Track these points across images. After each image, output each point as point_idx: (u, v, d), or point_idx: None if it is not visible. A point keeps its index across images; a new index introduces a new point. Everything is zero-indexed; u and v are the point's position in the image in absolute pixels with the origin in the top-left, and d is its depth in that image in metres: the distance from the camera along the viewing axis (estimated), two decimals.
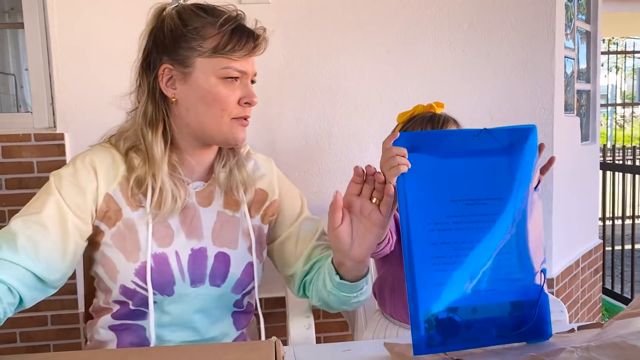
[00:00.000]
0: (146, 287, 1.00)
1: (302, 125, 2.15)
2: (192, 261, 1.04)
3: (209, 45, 1.00)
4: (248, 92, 1.04)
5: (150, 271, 1.00)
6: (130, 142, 1.06)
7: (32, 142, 2.01)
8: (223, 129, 1.03)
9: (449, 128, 1.29)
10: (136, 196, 1.03)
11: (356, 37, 2.14)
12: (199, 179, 1.11)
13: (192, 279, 1.04)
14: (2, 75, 3.00)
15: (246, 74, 1.03)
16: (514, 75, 2.27)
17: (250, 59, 1.04)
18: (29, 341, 2.07)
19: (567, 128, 2.61)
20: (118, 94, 1.99)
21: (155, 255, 1.01)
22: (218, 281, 1.06)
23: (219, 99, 1.01)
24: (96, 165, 1.02)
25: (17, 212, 1.97)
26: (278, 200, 1.17)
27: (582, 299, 2.91)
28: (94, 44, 2.00)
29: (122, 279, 1.01)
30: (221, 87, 1.01)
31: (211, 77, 1.01)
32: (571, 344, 0.77)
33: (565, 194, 2.54)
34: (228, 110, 1.02)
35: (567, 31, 2.65)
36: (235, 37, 1.00)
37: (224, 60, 1.00)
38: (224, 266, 1.06)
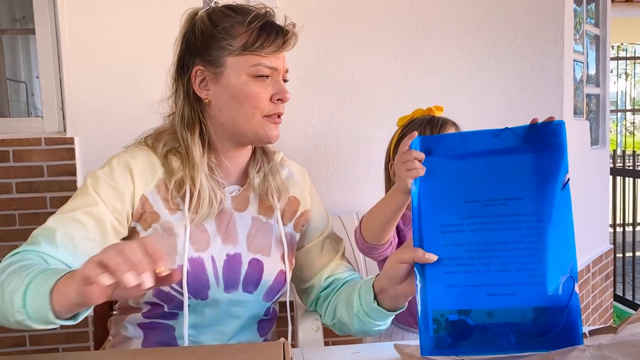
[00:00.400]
0: (181, 291, 1.00)
1: (310, 129, 2.15)
2: (227, 267, 1.04)
3: (238, 43, 1.01)
4: (280, 88, 1.03)
5: (187, 275, 0.99)
6: (169, 145, 1.06)
7: (42, 146, 2.03)
8: (256, 127, 1.04)
9: (447, 130, 1.27)
10: (175, 199, 1.03)
11: (364, 40, 2.14)
12: (235, 182, 1.11)
13: (226, 285, 1.04)
14: (14, 82, 3.02)
15: (277, 71, 1.03)
16: (522, 79, 2.26)
17: (280, 55, 1.04)
18: (38, 344, 2.08)
19: (577, 132, 2.60)
20: (127, 99, 2.01)
21: (191, 260, 1.01)
22: (251, 288, 1.07)
23: (250, 96, 1.02)
24: (132, 166, 1.02)
25: (27, 215, 2.01)
26: (309, 210, 1.18)
27: (593, 304, 2.89)
28: (104, 49, 2.02)
29: None
30: (252, 85, 1.01)
31: (242, 75, 1.01)
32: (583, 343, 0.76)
33: (575, 198, 2.51)
34: (260, 107, 1.02)
35: (576, 35, 2.64)
36: (264, 33, 1.01)
37: (254, 57, 1.01)
38: (257, 273, 1.07)
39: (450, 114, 2.18)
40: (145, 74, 2.01)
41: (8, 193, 2.02)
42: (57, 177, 2.04)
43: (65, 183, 2.04)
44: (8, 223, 2.03)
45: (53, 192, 2.04)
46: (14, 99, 2.94)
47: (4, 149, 2.01)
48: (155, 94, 1.14)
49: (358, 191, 1.27)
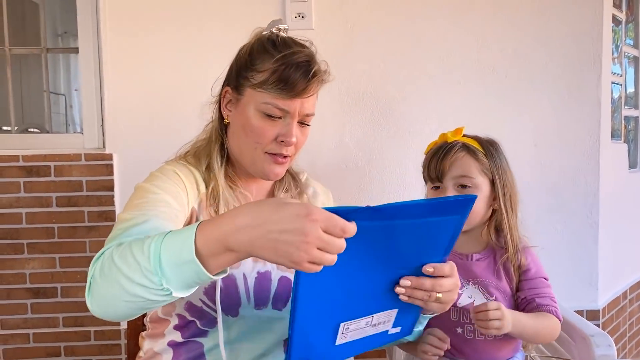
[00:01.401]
0: (214, 307, 1.02)
1: (342, 149, 2.16)
2: (257, 284, 1.05)
3: (259, 78, 1.02)
4: (287, 131, 1.03)
5: (220, 292, 1.01)
6: (208, 159, 1.09)
7: (82, 161, 2.09)
8: (256, 160, 1.06)
9: (455, 156, 1.17)
10: (210, 212, 1.05)
11: (399, 61, 2.15)
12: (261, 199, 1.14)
13: (257, 302, 1.05)
14: (54, 95, 3.12)
15: (289, 114, 1.02)
16: (558, 101, 2.23)
17: (298, 102, 1.02)
18: (73, 355, 2.12)
19: (614, 155, 2.55)
20: (165, 117, 2.06)
21: (224, 277, 1.02)
22: (280, 305, 1.07)
23: (254, 130, 1.03)
24: (182, 177, 1.04)
25: (65, 228, 2.07)
26: None
27: (630, 332, 2.80)
28: (144, 68, 2.07)
29: (191, 295, 1.01)
30: (259, 120, 1.02)
31: (253, 109, 1.03)
32: None
33: (611, 223, 2.46)
34: (262, 143, 1.03)
35: (615, 55, 2.59)
36: (285, 76, 0.99)
37: (267, 95, 1.01)
38: (286, 290, 1.07)
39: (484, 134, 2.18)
40: (184, 92, 2.05)
41: (49, 206, 2.09)
42: (95, 192, 2.09)
43: (103, 198, 2.09)
44: (47, 236, 2.09)
45: (91, 207, 2.09)
46: (53, 111, 3.03)
47: (46, 164, 2.08)
48: (194, 111, 1.17)
49: None
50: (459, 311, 1.20)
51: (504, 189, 1.17)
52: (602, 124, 2.26)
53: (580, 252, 2.29)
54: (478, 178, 1.15)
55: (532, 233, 2.25)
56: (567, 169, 2.25)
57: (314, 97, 1.05)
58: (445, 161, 1.16)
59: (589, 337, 1.38)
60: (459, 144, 1.20)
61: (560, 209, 2.26)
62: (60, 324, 2.11)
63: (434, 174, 1.17)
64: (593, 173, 2.26)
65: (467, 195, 0.86)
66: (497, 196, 1.17)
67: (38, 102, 2.45)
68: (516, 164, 2.22)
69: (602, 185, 2.28)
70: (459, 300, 1.19)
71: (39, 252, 2.10)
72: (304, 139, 1.09)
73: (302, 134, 1.07)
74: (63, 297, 2.11)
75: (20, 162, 2.07)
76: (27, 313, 2.11)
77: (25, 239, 2.09)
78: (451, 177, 1.15)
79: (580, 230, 2.28)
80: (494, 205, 1.19)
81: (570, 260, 2.29)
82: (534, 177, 2.25)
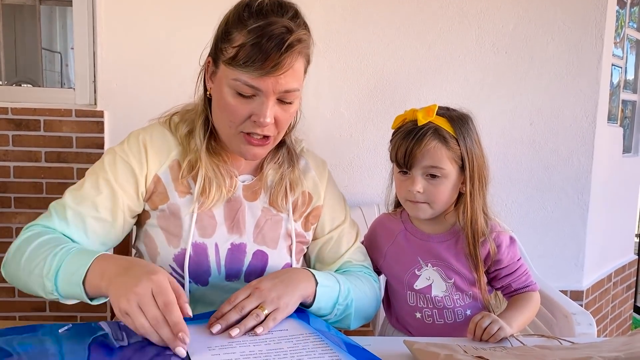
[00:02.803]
0: (182, 274, 1.01)
1: (337, 118, 2.14)
2: (230, 256, 1.04)
3: (230, 53, 0.92)
4: (260, 111, 0.93)
5: (189, 260, 1.00)
6: (190, 125, 1.05)
7: (72, 117, 2.06)
8: (231, 139, 1.00)
9: (426, 144, 1.09)
10: (185, 181, 1.02)
11: (398, 33, 2.12)
12: (248, 172, 1.10)
13: (228, 274, 1.04)
14: (49, 52, 3.07)
15: (262, 92, 0.93)
16: (557, 81, 2.21)
17: (270, 79, 0.91)
18: (58, 311, 2.13)
19: (609, 138, 2.54)
20: (158, 76, 2.03)
21: (195, 244, 1.01)
22: (253, 279, 1.03)
23: (227, 108, 0.96)
24: (148, 145, 1.02)
25: (54, 184, 2.05)
26: (321, 207, 1.14)
27: (612, 314, 2.84)
28: (138, 26, 2.04)
29: (161, 261, 1.02)
30: (231, 98, 0.95)
31: (225, 85, 0.95)
32: (599, 353, 0.74)
33: (601, 205, 2.47)
34: (235, 122, 0.96)
35: (617, 39, 2.57)
36: (255, 52, 0.89)
37: (237, 72, 0.92)
38: (260, 264, 1.06)
39: (481, 111, 2.16)
40: (178, 52, 2.02)
41: (37, 161, 2.07)
42: (85, 149, 2.07)
43: (92, 155, 2.07)
44: (36, 190, 2.08)
45: (80, 164, 2.07)
46: (48, 69, 2.99)
47: (35, 117, 2.05)
48: (188, 72, 1.13)
49: (381, 183, 1.26)
50: (416, 295, 1.18)
51: (472, 173, 1.12)
52: (599, 106, 2.25)
53: (569, 233, 2.30)
54: (448, 167, 1.10)
55: (521, 211, 2.27)
56: (561, 149, 2.25)
57: (292, 72, 0.93)
58: (415, 150, 1.09)
59: (570, 315, 1.40)
60: (430, 129, 1.10)
61: (551, 188, 2.27)
62: None
63: (402, 160, 1.10)
64: (587, 155, 2.26)
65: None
66: (465, 180, 1.12)
67: (32, 58, 2.42)
68: (511, 142, 2.23)
69: (594, 167, 2.28)
70: (416, 283, 1.17)
71: (27, 207, 2.09)
72: (288, 117, 0.99)
73: (285, 112, 0.97)
74: None
75: (10, 115, 2.04)
76: None
77: (12, 193, 2.08)
78: (420, 167, 1.09)
79: (570, 211, 2.29)
80: (461, 189, 1.14)
81: (558, 240, 2.31)
82: (528, 155, 2.24)
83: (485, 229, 1.14)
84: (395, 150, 1.13)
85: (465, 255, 1.15)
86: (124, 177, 1.00)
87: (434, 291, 1.17)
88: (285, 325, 0.90)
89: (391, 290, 1.25)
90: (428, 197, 1.11)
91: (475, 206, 1.13)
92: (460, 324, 1.17)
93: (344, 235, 1.16)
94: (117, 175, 1.00)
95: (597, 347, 0.86)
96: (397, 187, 1.18)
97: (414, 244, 1.19)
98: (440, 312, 1.17)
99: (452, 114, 1.14)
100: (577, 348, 0.89)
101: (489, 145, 2.18)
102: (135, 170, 1.01)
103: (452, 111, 1.15)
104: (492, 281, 1.19)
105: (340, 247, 1.15)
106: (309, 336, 0.87)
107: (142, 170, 1.01)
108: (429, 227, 1.19)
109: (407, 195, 1.13)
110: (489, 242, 1.14)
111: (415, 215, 1.16)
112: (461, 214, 1.15)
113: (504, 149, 2.23)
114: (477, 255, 1.13)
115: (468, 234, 1.13)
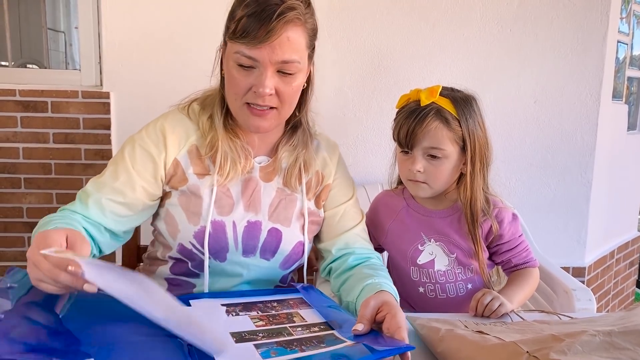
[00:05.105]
0: (202, 250, 1.05)
1: (341, 97, 2.15)
2: (246, 233, 1.08)
3: (232, 27, 0.97)
4: (259, 81, 0.97)
5: (208, 236, 1.04)
6: (211, 111, 1.09)
7: (79, 98, 2.08)
8: (238, 113, 1.04)
9: (427, 124, 1.11)
10: (205, 161, 1.07)
11: (402, 10, 2.11)
12: (265, 154, 1.13)
13: (245, 250, 1.08)
14: (53, 32, 3.07)
15: (259, 62, 0.96)
16: (562, 58, 2.21)
17: (266, 49, 0.95)
18: None
19: (613, 115, 2.54)
20: (164, 57, 2.04)
21: (214, 222, 1.05)
22: (268, 255, 1.10)
23: (231, 81, 1.01)
24: (167, 131, 1.06)
25: (62, 165, 2.09)
26: (330, 184, 1.18)
27: (615, 290, 2.87)
28: (143, 6, 2.04)
29: (182, 238, 1.06)
30: (235, 71, 0.99)
31: (230, 60, 1.00)
32: (594, 327, 0.77)
33: (605, 183, 2.48)
34: (239, 94, 1.01)
35: (623, 14, 2.55)
36: (248, 23, 0.94)
37: (237, 45, 0.97)
38: (275, 241, 1.10)
39: (485, 90, 2.16)
40: (183, 33, 2.03)
41: (45, 142, 2.09)
42: (92, 129, 2.09)
43: (100, 136, 2.10)
44: (44, 171, 2.11)
45: (88, 144, 2.10)
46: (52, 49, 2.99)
47: (43, 99, 2.07)
48: (192, 53, 1.15)
49: (384, 162, 1.28)
50: (419, 270, 1.21)
51: (473, 154, 1.13)
52: (604, 84, 2.25)
53: (572, 210, 2.32)
54: (448, 148, 1.11)
55: (525, 189, 2.29)
56: (565, 126, 2.25)
57: (288, 42, 0.96)
58: (417, 130, 1.11)
59: (570, 291, 1.42)
60: (432, 110, 1.12)
61: (555, 166, 2.28)
62: None
63: (404, 140, 1.13)
64: (590, 132, 2.26)
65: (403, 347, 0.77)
66: (466, 161, 1.14)
67: (37, 38, 2.42)
68: (515, 120, 2.24)
69: (598, 145, 2.28)
70: (419, 258, 1.20)
71: (36, 188, 2.12)
72: (289, 90, 1.01)
73: (286, 85, 1.00)
74: None
75: (17, 97, 2.06)
76: (24, 246, 2.15)
77: (22, 174, 2.11)
78: (421, 147, 1.11)
79: (573, 188, 2.30)
80: (463, 169, 1.16)
81: (561, 217, 2.32)
82: (532, 133, 2.25)
83: (485, 207, 1.16)
84: (398, 130, 1.15)
85: (465, 232, 1.17)
86: (141, 164, 1.05)
87: (436, 266, 1.19)
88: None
89: (394, 266, 1.28)
90: (428, 177, 1.14)
91: (475, 186, 1.15)
92: (461, 298, 1.20)
93: (349, 211, 1.18)
94: (135, 162, 1.04)
95: (593, 321, 0.88)
96: (399, 166, 1.20)
97: (416, 220, 1.22)
98: (443, 286, 1.20)
99: (455, 95, 1.15)
100: (575, 323, 0.92)
101: (493, 123, 2.20)
102: (154, 155, 1.05)
103: (456, 92, 1.16)
104: (493, 256, 1.22)
105: (347, 222, 1.17)
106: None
107: (160, 156, 1.05)
108: (431, 203, 1.22)
109: (408, 175, 1.16)
110: (491, 219, 1.16)
111: (416, 194, 1.19)
112: (462, 193, 1.16)
113: (508, 127, 2.24)
114: (477, 234, 1.16)
115: (467, 214, 1.16)
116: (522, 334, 0.83)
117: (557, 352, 0.69)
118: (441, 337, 0.84)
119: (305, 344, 0.77)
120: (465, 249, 1.18)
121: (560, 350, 0.70)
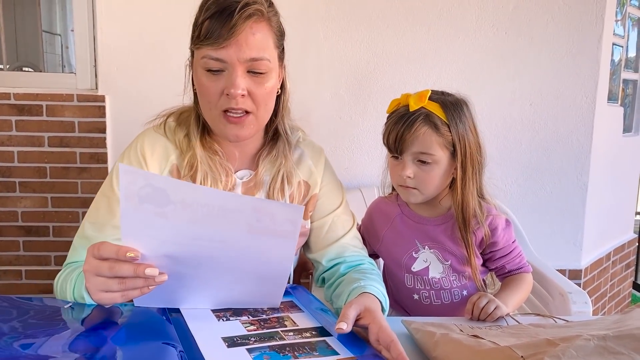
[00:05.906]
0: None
1: (337, 100, 2.15)
2: None
3: (195, 33, 0.96)
4: (230, 82, 0.95)
5: None
6: (187, 128, 1.07)
7: (74, 102, 2.08)
8: (215, 122, 1.01)
9: (416, 130, 1.09)
10: (186, 178, 1.04)
11: (397, 13, 2.11)
12: (246, 167, 1.11)
13: None
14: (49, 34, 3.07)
15: (227, 63, 0.94)
16: (557, 60, 2.21)
17: (232, 47, 0.93)
18: None
19: (609, 118, 2.54)
20: (159, 61, 2.04)
21: None
22: None
23: (203, 90, 0.98)
24: (146, 155, 1.05)
25: (57, 168, 2.08)
26: (317, 194, 1.16)
27: (611, 292, 2.87)
28: (138, 10, 2.04)
29: None
30: (204, 78, 0.97)
31: (199, 68, 0.97)
32: (589, 331, 0.77)
33: (601, 185, 2.48)
34: (212, 102, 0.98)
35: (618, 17, 2.55)
36: (211, 23, 0.93)
37: (203, 50, 0.95)
38: None
39: (481, 93, 2.16)
40: (178, 36, 2.02)
41: (40, 146, 2.09)
42: (87, 133, 2.09)
43: (95, 139, 2.09)
44: (39, 175, 2.10)
45: (83, 148, 2.09)
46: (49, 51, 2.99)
47: (38, 103, 2.06)
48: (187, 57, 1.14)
49: (380, 165, 1.27)
50: (413, 277, 1.20)
51: (464, 159, 1.12)
52: (600, 86, 2.25)
53: (567, 212, 2.32)
54: (438, 153, 1.10)
55: (520, 191, 2.29)
56: (561, 129, 2.26)
57: (254, 39, 0.94)
58: (405, 135, 1.10)
59: (566, 294, 1.42)
60: (421, 115, 1.10)
61: (551, 168, 2.28)
62: (52, 262, 2.15)
63: (393, 146, 1.12)
64: (586, 135, 2.26)
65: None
66: (457, 166, 1.13)
67: (33, 40, 2.41)
68: (510, 123, 2.24)
69: (594, 147, 2.29)
70: (413, 265, 1.19)
71: (31, 191, 2.11)
72: (262, 91, 0.98)
73: (259, 85, 0.97)
74: (55, 236, 2.14)
75: (12, 100, 2.05)
76: (19, 250, 2.14)
77: (17, 178, 2.10)
78: (411, 153, 1.10)
79: (569, 191, 2.30)
80: (454, 174, 1.14)
81: (557, 220, 2.33)
82: (527, 136, 2.25)
83: (479, 213, 1.15)
84: (387, 135, 1.14)
85: (458, 238, 1.17)
86: None
87: (431, 273, 1.19)
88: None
89: (389, 273, 1.28)
90: (418, 183, 1.12)
91: (467, 192, 1.14)
92: (456, 304, 1.20)
93: (338, 220, 1.16)
94: None
95: (589, 325, 0.88)
96: (390, 172, 1.19)
97: (411, 227, 1.21)
98: (437, 293, 1.20)
99: (445, 100, 1.13)
100: (570, 326, 0.92)
101: (488, 126, 2.20)
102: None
103: (446, 96, 1.15)
104: (487, 262, 1.22)
105: (336, 232, 1.15)
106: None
107: None
108: (425, 211, 1.21)
109: (399, 180, 1.14)
110: (483, 227, 1.16)
111: (407, 199, 1.18)
112: (453, 198, 1.16)
113: (504, 129, 2.24)
114: (469, 240, 1.15)
115: (459, 219, 1.15)
116: (517, 338, 0.82)
117: (552, 357, 0.69)
118: (436, 341, 0.84)
119: (298, 350, 0.76)
120: (459, 256, 1.18)
121: (554, 355, 0.69)
